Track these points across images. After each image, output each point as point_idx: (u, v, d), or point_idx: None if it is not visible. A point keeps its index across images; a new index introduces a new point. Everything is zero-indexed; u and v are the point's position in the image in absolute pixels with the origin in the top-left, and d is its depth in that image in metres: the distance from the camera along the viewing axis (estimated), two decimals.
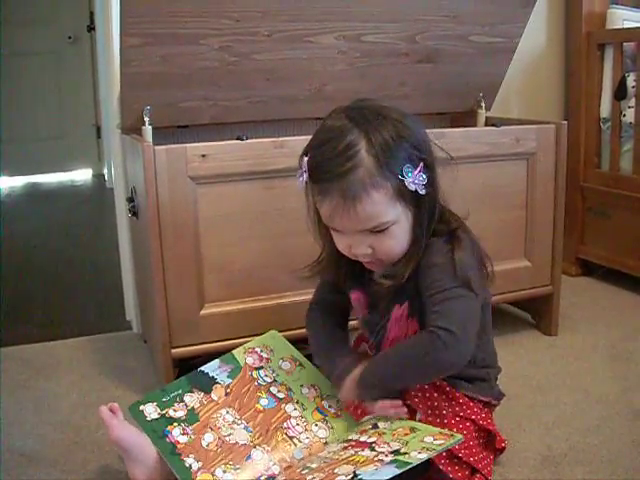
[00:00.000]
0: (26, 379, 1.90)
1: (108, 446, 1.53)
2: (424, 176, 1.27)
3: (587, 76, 2.57)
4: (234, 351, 1.56)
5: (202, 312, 1.73)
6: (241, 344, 1.58)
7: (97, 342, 2.17)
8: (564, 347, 2.03)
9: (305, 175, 1.32)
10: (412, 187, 1.26)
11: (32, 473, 1.46)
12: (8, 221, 4.02)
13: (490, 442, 1.39)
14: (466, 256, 1.33)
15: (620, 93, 2.42)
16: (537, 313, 2.16)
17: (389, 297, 1.39)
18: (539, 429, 1.58)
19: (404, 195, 1.27)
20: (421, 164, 1.28)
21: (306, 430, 1.42)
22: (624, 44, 2.43)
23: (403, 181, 1.26)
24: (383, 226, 1.28)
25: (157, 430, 1.39)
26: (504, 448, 1.41)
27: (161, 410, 1.42)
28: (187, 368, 1.56)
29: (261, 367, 1.54)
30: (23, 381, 1.89)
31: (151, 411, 1.42)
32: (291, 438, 1.41)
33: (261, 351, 1.57)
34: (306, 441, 1.40)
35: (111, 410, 1.41)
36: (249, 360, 1.55)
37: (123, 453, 1.39)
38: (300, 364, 1.56)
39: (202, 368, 1.52)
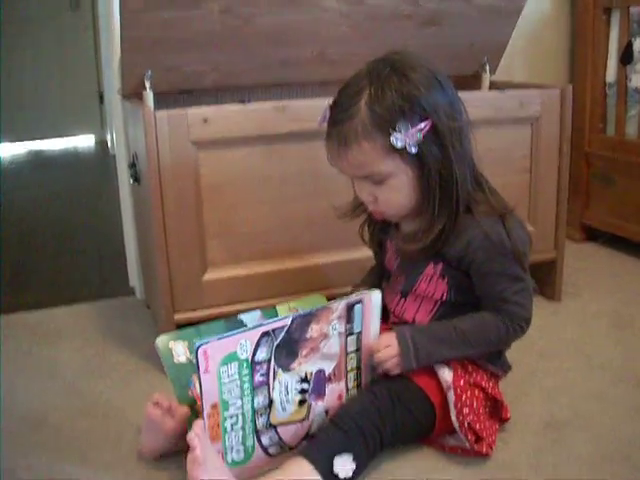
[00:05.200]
0: (29, 345, 1.91)
1: (112, 412, 1.55)
2: (419, 135, 1.25)
3: (593, 40, 2.53)
4: (278, 306, 1.48)
5: (205, 277, 1.73)
6: (244, 309, 1.53)
7: (100, 308, 2.17)
8: (567, 313, 2.03)
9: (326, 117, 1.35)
10: (398, 144, 1.25)
11: (36, 439, 1.46)
12: (11, 187, 4.02)
13: (496, 411, 1.40)
14: (518, 230, 1.37)
15: (626, 58, 2.40)
16: (541, 279, 2.15)
17: (421, 257, 1.39)
18: (541, 395, 1.58)
19: (400, 151, 1.26)
20: (423, 124, 1.25)
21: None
22: (631, 8, 2.39)
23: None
24: (377, 176, 1.30)
25: (181, 377, 1.31)
26: (508, 419, 1.42)
27: (190, 354, 1.32)
28: None
29: None
30: (26, 348, 1.90)
31: (180, 352, 1.33)
32: None
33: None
34: None
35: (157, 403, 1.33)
36: None
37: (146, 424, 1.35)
38: None
39: (241, 316, 1.41)
